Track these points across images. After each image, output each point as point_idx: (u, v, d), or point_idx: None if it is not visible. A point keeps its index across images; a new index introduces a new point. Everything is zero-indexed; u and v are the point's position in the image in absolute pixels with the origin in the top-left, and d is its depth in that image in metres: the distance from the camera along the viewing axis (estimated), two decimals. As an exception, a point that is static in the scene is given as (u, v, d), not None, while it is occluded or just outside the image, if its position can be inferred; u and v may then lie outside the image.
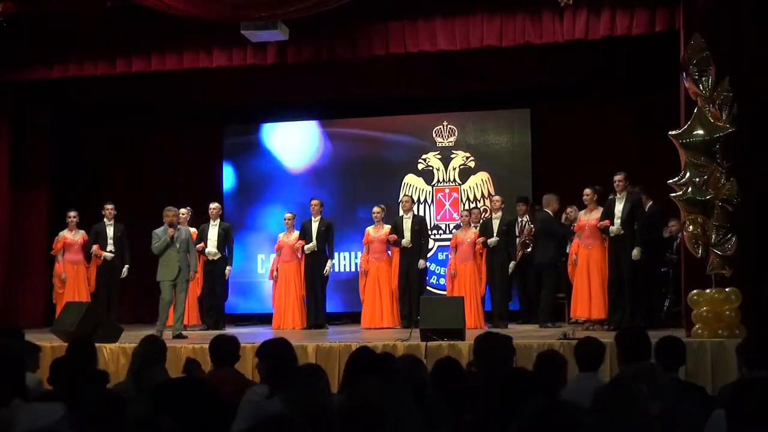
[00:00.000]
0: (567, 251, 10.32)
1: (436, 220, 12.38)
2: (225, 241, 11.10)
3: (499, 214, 10.73)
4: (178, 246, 9.50)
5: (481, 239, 10.54)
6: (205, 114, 12.98)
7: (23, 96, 11.64)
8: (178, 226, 9.67)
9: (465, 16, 9.53)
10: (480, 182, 12.32)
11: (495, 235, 10.51)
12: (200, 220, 11.20)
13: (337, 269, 12.03)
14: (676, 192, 8.08)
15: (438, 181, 12.47)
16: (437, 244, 12.10)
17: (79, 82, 11.05)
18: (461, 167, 12.42)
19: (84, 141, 13.35)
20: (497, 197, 11.14)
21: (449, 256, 11.00)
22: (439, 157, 12.48)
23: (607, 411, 3.01)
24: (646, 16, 8.98)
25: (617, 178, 9.40)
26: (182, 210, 11.03)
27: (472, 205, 12.01)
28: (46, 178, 12.30)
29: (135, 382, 4.75)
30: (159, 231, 9.56)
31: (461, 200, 12.33)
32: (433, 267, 11.97)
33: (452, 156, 12.45)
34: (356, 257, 12.10)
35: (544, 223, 10.34)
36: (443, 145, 12.49)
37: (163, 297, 9.55)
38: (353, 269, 12.18)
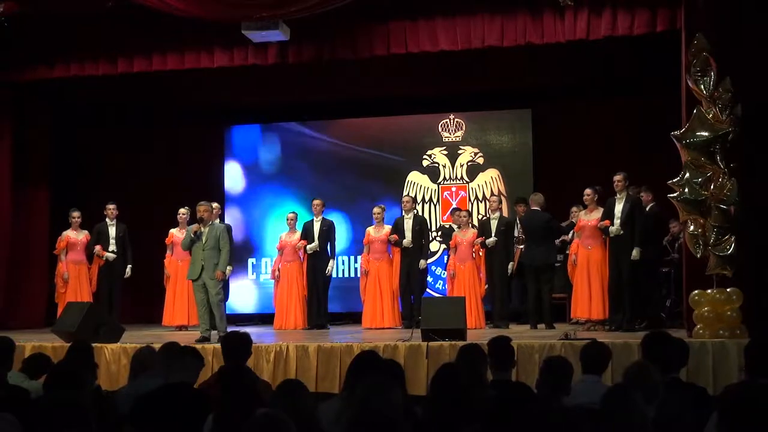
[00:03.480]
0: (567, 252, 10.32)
1: (443, 221, 12.25)
2: (225, 240, 11.08)
3: (497, 214, 10.70)
4: (204, 242, 9.10)
5: (479, 240, 10.52)
6: (206, 114, 12.99)
7: (23, 96, 11.64)
8: (212, 222, 9.24)
9: (466, 16, 9.53)
10: (489, 180, 12.22)
11: (493, 235, 10.49)
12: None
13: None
14: (674, 192, 8.10)
15: (444, 178, 12.39)
16: (443, 246, 11.90)
17: (79, 82, 11.04)
18: (469, 164, 12.33)
19: (84, 141, 13.35)
20: (494, 197, 11.12)
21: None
22: (446, 153, 12.41)
23: (605, 418, 3.04)
24: (647, 16, 8.97)
25: (617, 178, 9.39)
26: (181, 210, 11.06)
27: (482, 204, 11.96)
28: (46, 177, 12.30)
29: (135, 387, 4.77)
30: (190, 227, 9.30)
31: (469, 199, 12.20)
32: (439, 271, 11.94)
33: (459, 152, 12.37)
34: (356, 261, 12.09)
35: (550, 223, 10.27)
36: (450, 140, 12.41)
37: (195, 297, 9.31)
38: (354, 274, 12.18)
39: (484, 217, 11.17)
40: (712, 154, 7.94)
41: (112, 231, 11.11)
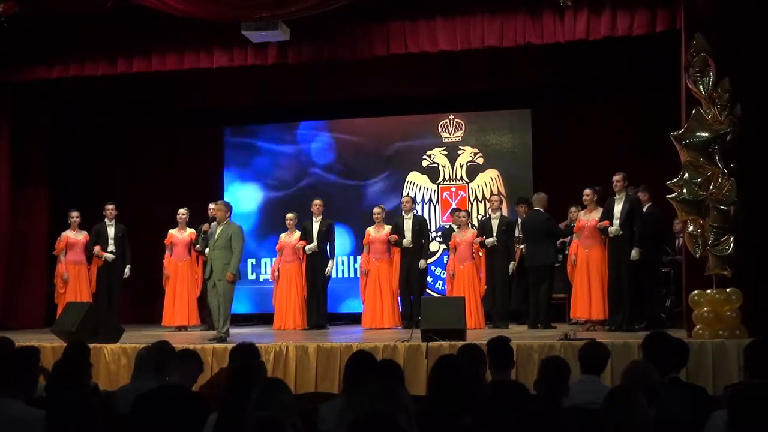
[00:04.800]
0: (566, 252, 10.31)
1: (442, 221, 12.23)
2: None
3: (498, 214, 10.69)
4: (215, 242, 9.12)
5: (478, 239, 10.51)
6: (205, 114, 12.99)
7: (23, 96, 11.63)
8: (227, 221, 9.18)
9: (466, 16, 9.53)
10: (489, 180, 12.21)
11: (494, 235, 10.48)
12: (200, 220, 11.20)
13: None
14: (673, 193, 8.11)
15: (444, 179, 12.38)
16: (442, 246, 11.85)
17: (79, 82, 11.05)
18: (469, 164, 12.32)
19: (84, 141, 13.35)
20: (495, 197, 11.12)
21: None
22: (445, 153, 12.40)
23: (607, 419, 3.05)
24: (647, 16, 8.98)
25: (616, 178, 9.40)
26: (181, 210, 11.06)
27: (481, 205, 11.94)
28: (46, 178, 12.30)
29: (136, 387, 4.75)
30: (202, 227, 9.34)
31: (468, 200, 12.18)
32: (438, 271, 11.93)
33: (459, 152, 12.36)
34: (355, 261, 12.09)
35: (548, 223, 10.27)
36: (449, 140, 12.41)
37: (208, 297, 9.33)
38: (353, 274, 12.16)
39: (485, 217, 11.15)
40: (710, 155, 7.95)
41: (111, 231, 11.10)
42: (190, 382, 4.77)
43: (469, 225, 10.89)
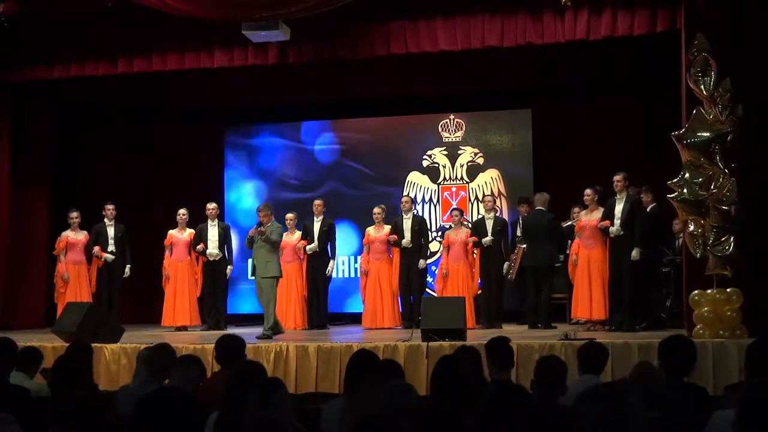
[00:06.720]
0: (567, 252, 10.31)
1: (443, 221, 12.22)
2: (225, 241, 11.10)
3: (492, 214, 10.68)
4: (259, 243, 9.55)
5: (472, 239, 10.49)
6: (205, 114, 12.99)
7: (23, 96, 11.63)
8: (269, 223, 9.63)
9: (466, 16, 9.53)
10: (489, 180, 12.21)
11: (489, 235, 10.46)
12: (200, 220, 11.20)
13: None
14: (673, 193, 8.11)
15: (444, 179, 12.38)
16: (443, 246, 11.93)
17: (79, 82, 11.04)
18: (469, 164, 12.32)
19: (84, 141, 13.35)
20: (488, 197, 11.12)
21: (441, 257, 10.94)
22: (446, 153, 12.40)
23: (593, 417, 3.04)
24: (647, 16, 8.98)
25: (616, 178, 9.40)
26: (181, 211, 11.06)
27: (482, 205, 11.93)
28: (46, 178, 12.28)
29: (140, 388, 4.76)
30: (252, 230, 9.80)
31: (469, 200, 12.19)
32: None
33: (459, 152, 12.37)
34: (356, 261, 12.09)
35: (553, 223, 10.26)
36: (450, 140, 12.41)
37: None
38: (353, 274, 12.15)
39: (479, 217, 11.12)
40: (711, 155, 7.94)
41: (111, 231, 11.10)
42: (190, 386, 4.77)
43: (462, 224, 10.87)
